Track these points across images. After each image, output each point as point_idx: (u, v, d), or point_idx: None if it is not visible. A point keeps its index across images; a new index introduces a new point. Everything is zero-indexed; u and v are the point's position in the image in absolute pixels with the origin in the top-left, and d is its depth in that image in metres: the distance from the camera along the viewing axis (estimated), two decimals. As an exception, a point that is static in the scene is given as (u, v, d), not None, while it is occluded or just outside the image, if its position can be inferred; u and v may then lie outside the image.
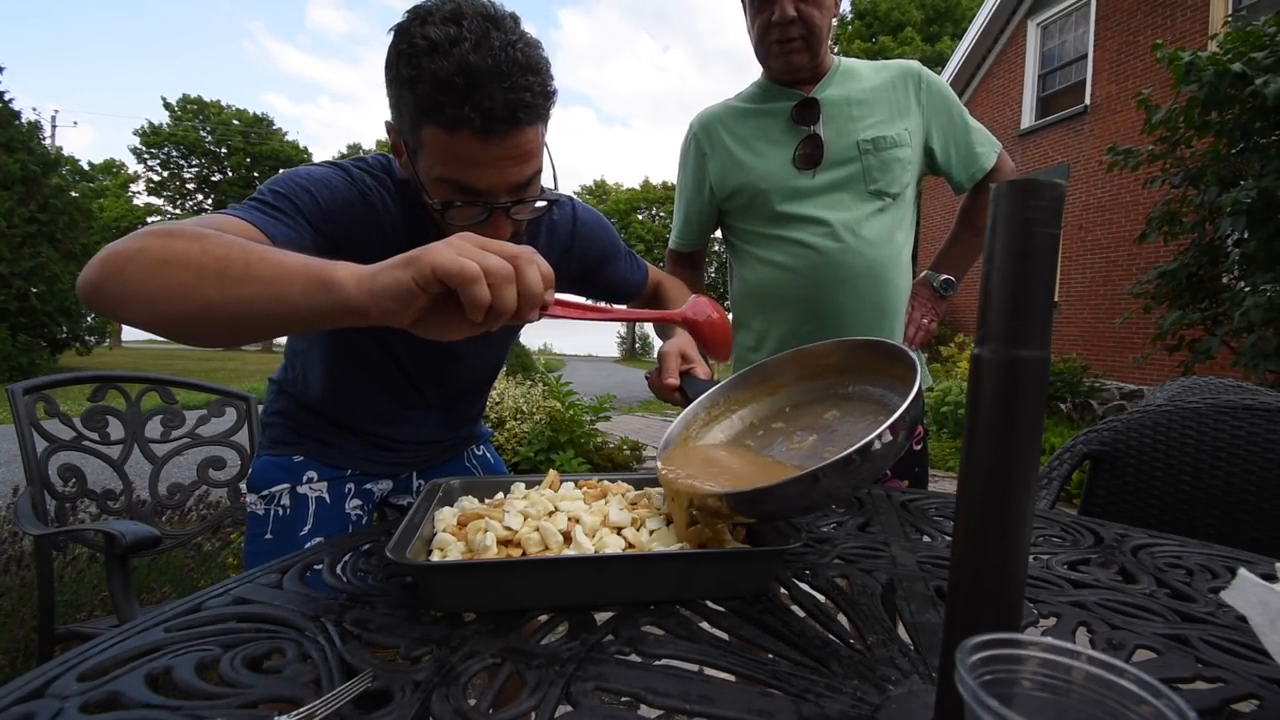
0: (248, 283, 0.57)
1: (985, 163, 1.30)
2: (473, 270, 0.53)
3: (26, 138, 11.44)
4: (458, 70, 0.68)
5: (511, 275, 0.55)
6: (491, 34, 0.69)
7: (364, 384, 1.01)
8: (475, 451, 1.23)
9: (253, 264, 0.58)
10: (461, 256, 0.53)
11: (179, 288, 0.58)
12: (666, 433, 0.77)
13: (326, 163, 0.86)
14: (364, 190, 0.84)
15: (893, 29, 21.51)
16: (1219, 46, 3.84)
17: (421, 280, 0.53)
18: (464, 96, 0.68)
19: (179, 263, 0.58)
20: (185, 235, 0.60)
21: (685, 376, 0.91)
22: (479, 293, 0.53)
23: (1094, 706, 0.27)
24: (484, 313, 0.54)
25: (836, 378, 0.76)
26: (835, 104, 1.25)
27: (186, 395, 1.68)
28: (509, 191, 0.77)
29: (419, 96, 0.70)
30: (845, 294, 1.22)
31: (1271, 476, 1.16)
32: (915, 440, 1.33)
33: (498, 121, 0.70)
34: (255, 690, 0.42)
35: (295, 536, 0.98)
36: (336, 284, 0.56)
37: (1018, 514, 0.35)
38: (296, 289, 0.57)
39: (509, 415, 4.60)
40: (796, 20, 1.19)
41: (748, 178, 1.28)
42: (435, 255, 0.53)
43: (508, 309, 0.55)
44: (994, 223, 0.35)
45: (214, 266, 0.58)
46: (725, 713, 0.41)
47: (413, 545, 0.58)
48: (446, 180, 0.75)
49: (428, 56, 0.68)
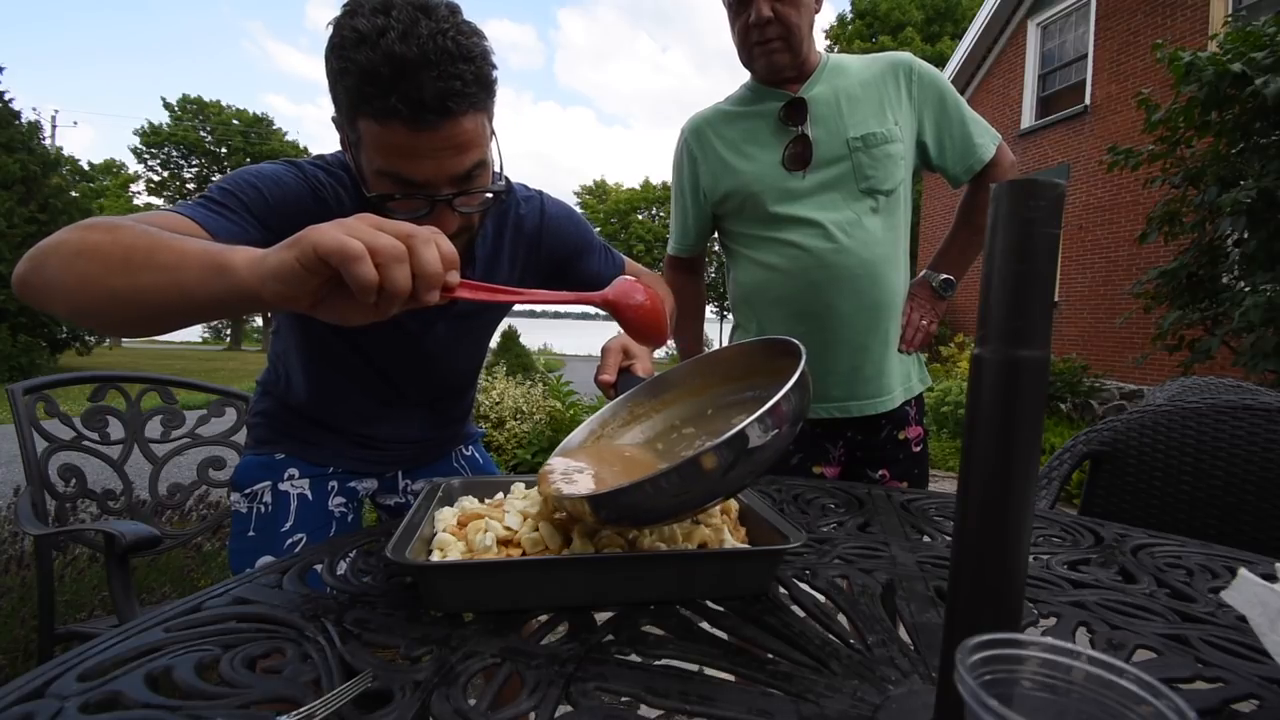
0: (150, 270, 0.57)
1: (983, 154, 1.26)
2: (354, 248, 0.50)
3: (26, 138, 11.43)
4: (384, 60, 0.67)
5: (403, 254, 0.52)
6: (421, 23, 0.68)
7: (342, 384, 1.01)
8: (464, 452, 1.22)
9: (155, 251, 0.58)
10: (346, 235, 0.51)
11: (89, 277, 0.59)
12: (574, 431, 0.77)
13: (283, 160, 0.86)
14: (316, 186, 0.84)
15: (893, 29, 21.51)
16: (1219, 46, 3.84)
17: (305, 260, 0.51)
18: (391, 87, 0.68)
19: (89, 253, 0.59)
20: (102, 227, 0.61)
21: (623, 373, 0.88)
22: (363, 272, 0.50)
23: (1094, 706, 0.27)
24: (373, 294, 0.51)
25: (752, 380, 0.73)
26: (823, 102, 1.23)
27: (186, 395, 1.68)
28: (450, 183, 0.76)
29: (348, 89, 0.70)
30: (839, 294, 1.21)
31: (1271, 476, 1.16)
32: (915, 442, 1.33)
33: (428, 111, 0.69)
34: (255, 690, 0.42)
35: (277, 533, 0.98)
36: (230, 268, 0.55)
37: (1018, 514, 0.35)
38: (193, 275, 0.56)
39: (509, 415, 4.60)
40: (774, 20, 1.18)
41: (738, 181, 1.27)
42: (318, 234, 0.51)
43: (401, 290, 0.52)
44: (994, 223, 0.35)
45: (120, 255, 0.58)
46: (725, 713, 0.41)
47: (413, 545, 0.58)
48: (385, 173, 0.75)
49: (355, 48, 0.68)
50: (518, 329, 8.99)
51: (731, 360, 0.75)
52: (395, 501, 1.15)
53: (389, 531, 0.72)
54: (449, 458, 1.20)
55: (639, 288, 0.79)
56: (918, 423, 1.34)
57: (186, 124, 28.12)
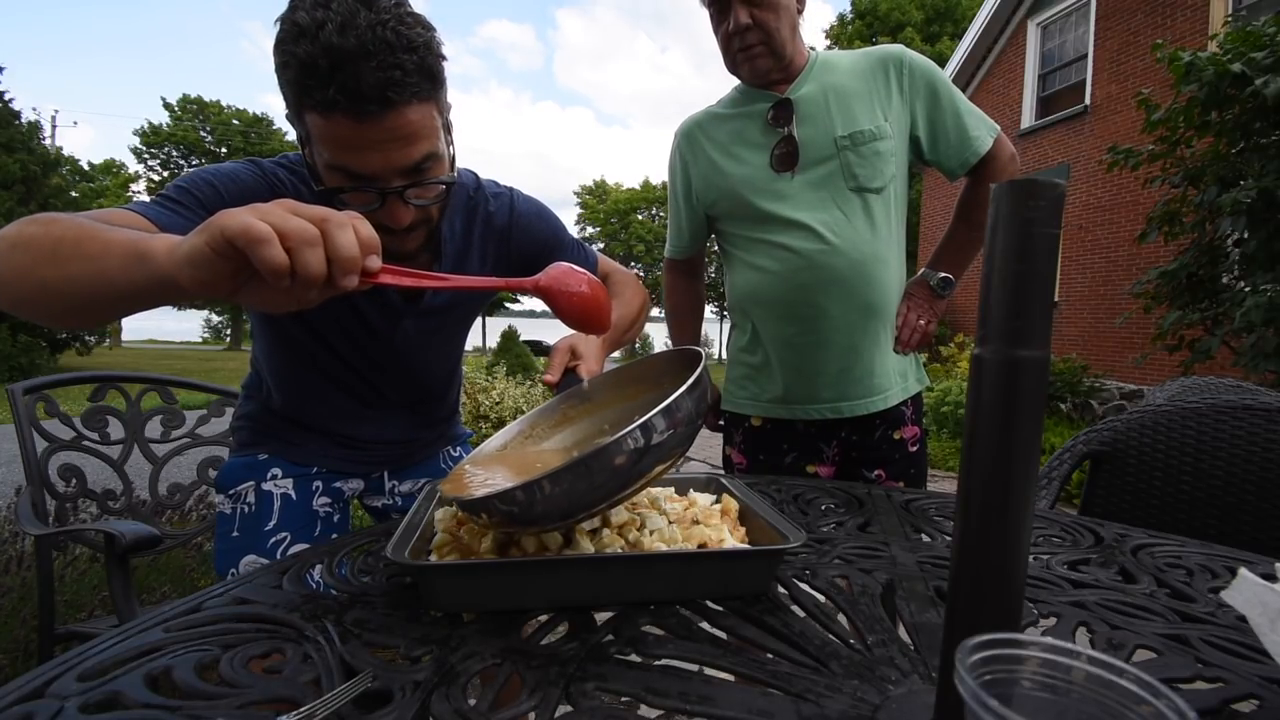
0: (76, 260, 0.58)
1: (979, 147, 1.22)
2: (260, 230, 0.48)
3: (26, 138, 11.44)
4: (322, 53, 0.67)
5: (315, 238, 0.50)
6: (360, 14, 0.68)
7: (319, 384, 1.01)
8: (451, 453, 1.22)
9: (82, 242, 0.58)
10: (254, 218, 0.49)
11: (22, 269, 0.59)
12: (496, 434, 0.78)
13: (246, 159, 0.87)
14: (274, 182, 0.84)
15: (892, 29, 21.51)
16: (1219, 46, 3.83)
17: (214, 244, 0.50)
18: (329, 78, 0.67)
19: (24, 246, 0.60)
20: (40, 221, 0.62)
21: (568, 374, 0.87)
22: (270, 254, 0.48)
23: (1094, 706, 0.27)
24: (285, 278, 0.50)
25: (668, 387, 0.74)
26: (810, 102, 1.22)
27: (186, 395, 1.68)
28: (400, 175, 0.76)
29: (290, 83, 0.70)
30: (827, 296, 1.20)
31: (1271, 476, 1.16)
32: (911, 442, 1.33)
33: (367, 102, 0.69)
34: (255, 690, 0.42)
35: (260, 532, 0.98)
36: (149, 255, 0.55)
37: (1018, 514, 0.35)
38: (115, 263, 0.56)
39: (509, 415, 4.60)
40: (753, 27, 1.17)
41: (728, 184, 1.27)
42: (226, 217, 0.50)
43: (313, 274, 0.50)
44: (994, 223, 0.35)
45: (49, 246, 0.59)
46: (725, 713, 0.41)
47: (412, 545, 0.58)
48: (334, 166, 0.75)
49: (294, 42, 0.68)
50: (518, 329, 8.99)
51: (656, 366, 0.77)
52: (382, 503, 1.15)
53: (389, 531, 0.72)
54: (436, 459, 1.19)
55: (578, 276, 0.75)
56: (915, 423, 1.33)
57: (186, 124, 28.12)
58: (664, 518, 0.66)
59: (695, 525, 0.66)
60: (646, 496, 0.74)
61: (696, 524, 0.66)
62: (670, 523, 0.65)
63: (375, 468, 1.12)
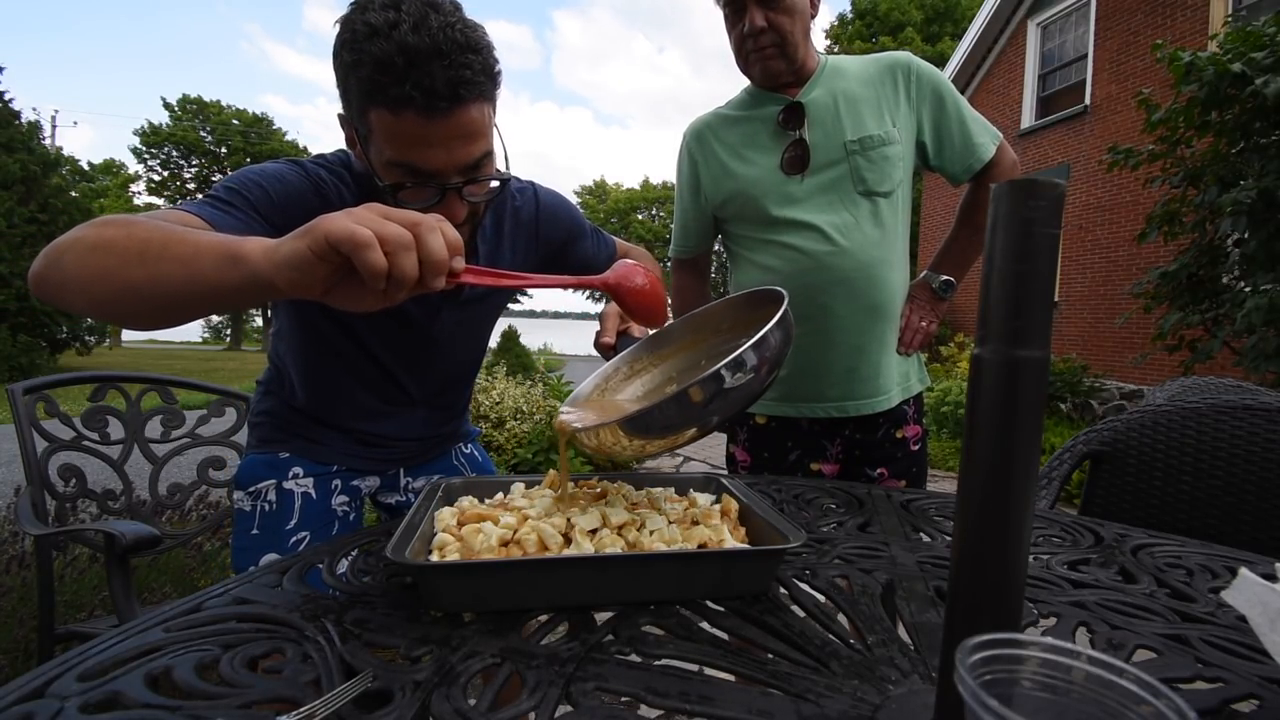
0: (166, 261, 0.59)
1: (983, 154, 1.26)
2: (365, 236, 0.52)
3: (26, 138, 11.43)
4: (398, 51, 0.69)
5: (410, 242, 0.54)
6: (430, 16, 0.71)
7: (344, 381, 1.02)
8: (463, 450, 1.23)
9: (170, 244, 0.60)
10: (356, 223, 0.53)
11: (106, 271, 0.60)
12: (578, 387, 0.83)
13: (285, 159, 0.89)
14: (318, 183, 0.86)
15: (893, 29, 21.51)
16: (1219, 46, 3.83)
17: (316, 248, 0.53)
18: (404, 75, 0.70)
19: (106, 248, 0.61)
20: (117, 223, 0.63)
21: (622, 335, 0.93)
22: (373, 259, 0.52)
23: (1094, 706, 0.27)
24: (383, 280, 0.54)
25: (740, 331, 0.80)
26: (820, 106, 1.23)
27: (186, 395, 1.68)
28: (459, 172, 0.79)
29: (361, 80, 0.72)
30: (835, 296, 1.21)
31: (1271, 476, 1.16)
32: (913, 441, 1.33)
33: (440, 99, 0.72)
34: (255, 690, 0.42)
35: (281, 531, 0.99)
36: (244, 257, 0.57)
37: (1018, 514, 0.35)
38: (209, 265, 0.58)
39: (509, 415, 4.60)
40: (768, 29, 1.18)
41: (738, 185, 1.28)
42: (329, 223, 0.53)
43: (408, 276, 0.55)
44: (994, 223, 0.35)
45: (136, 248, 0.60)
46: (725, 713, 0.41)
47: (413, 545, 0.58)
48: (396, 163, 0.77)
49: (368, 40, 0.70)
50: (518, 329, 8.99)
51: (720, 314, 0.83)
52: (396, 500, 1.16)
53: (389, 531, 0.72)
54: (449, 455, 1.21)
55: (639, 270, 0.83)
56: (916, 422, 1.34)
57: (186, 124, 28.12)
58: (664, 518, 0.66)
59: (695, 525, 0.66)
60: (647, 496, 0.74)
61: (696, 524, 0.66)
62: (670, 523, 0.65)
63: (392, 465, 1.13)
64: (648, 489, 0.78)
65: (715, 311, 0.84)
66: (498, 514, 0.65)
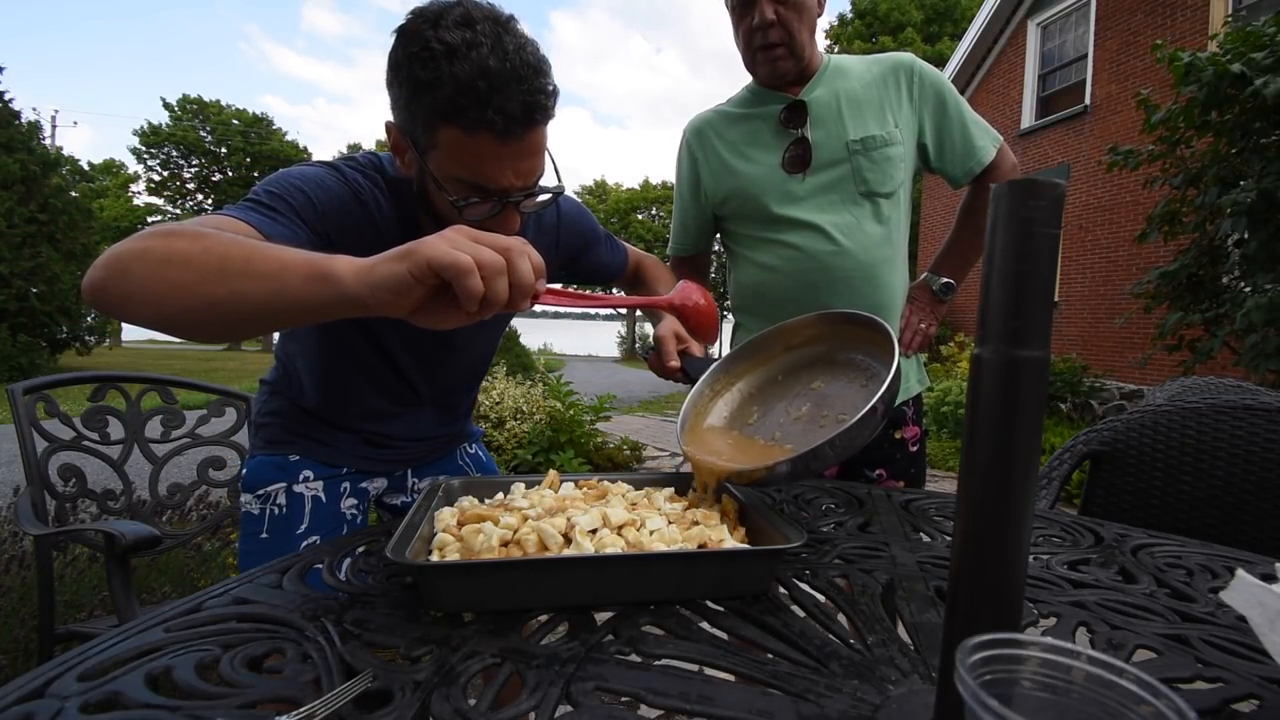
0: (249, 278, 0.59)
1: (983, 157, 1.26)
2: (466, 263, 0.55)
3: (26, 138, 11.42)
4: (480, 74, 0.70)
5: (503, 267, 0.57)
6: (504, 38, 0.71)
7: (356, 382, 1.02)
8: (468, 450, 1.23)
9: (253, 260, 0.60)
10: (455, 250, 0.55)
11: (182, 286, 0.60)
12: (681, 413, 0.86)
13: (319, 162, 0.88)
14: (357, 189, 0.86)
15: (893, 29, 21.50)
16: (1219, 47, 3.83)
17: (418, 273, 0.55)
18: (487, 100, 0.70)
19: (181, 261, 0.60)
20: (186, 235, 0.62)
21: (684, 356, 0.97)
22: (473, 284, 0.55)
23: (1094, 706, 0.27)
24: (478, 303, 0.56)
25: (817, 347, 0.87)
26: (823, 105, 1.23)
27: (186, 395, 1.68)
28: (522, 188, 0.80)
29: (439, 99, 0.71)
30: (836, 297, 1.21)
31: (1271, 476, 1.16)
32: (912, 442, 1.33)
33: (516, 124, 0.73)
34: (255, 690, 0.42)
35: (292, 535, 0.99)
36: (335, 276, 0.58)
37: (1018, 514, 0.35)
38: (297, 282, 0.59)
39: (509, 415, 4.59)
40: (776, 24, 1.17)
41: (739, 184, 1.27)
42: (431, 249, 0.55)
43: (500, 299, 0.57)
44: (994, 223, 0.35)
45: (215, 264, 0.60)
46: (725, 713, 0.41)
47: (413, 545, 0.58)
48: (463, 180, 0.77)
49: (447, 60, 0.70)
50: (518, 329, 8.99)
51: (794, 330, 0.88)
52: (402, 500, 1.16)
53: (389, 531, 0.72)
54: (454, 455, 1.21)
55: (695, 289, 0.89)
56: (915, 423, 1.34)
57: (186, 124, 28.11)
58: (664, 518, 0.66)
59: (695, 525, 0.66)
60: (647, 496, 0.74)
61: (696, 524, 0.66)
62: (670, 523, 0.65)
63: (400, 466, 1.13)
64: (648, 489, 0.78)
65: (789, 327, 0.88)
66: (498, 514, 0.65)
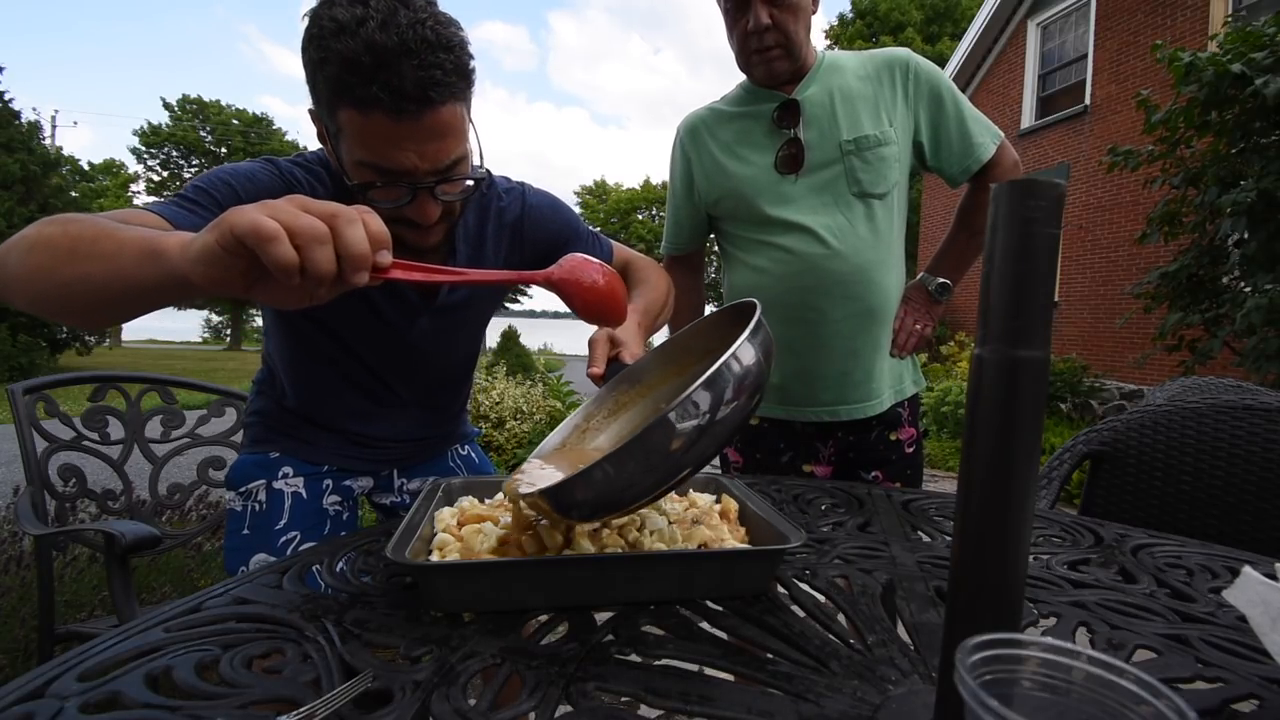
0: (93, 259, 0.58)
1: (981, 154, 1.22)
2: (268, 228, 0.48)
3: (26, 138, 11.43)
4: (365, 49, 0.67)
5: (324, 235, 0.50)
6: (399, 13, 0.69)
7: (333, 382, 1.02)
8: (460, 451, 1.22)
9: (99, 240, 0.59)
10: (264, 215, 0.49)
11: (41, 269, 0.60)
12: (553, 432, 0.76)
13: (262, 158, 0.87)
14: (291, 182, 0.84)
15: (893, 29, 21.50)
16: (1219, 47, 3.83)
17: (224, 242, 0.49)
18: (372, 75, 0.68)
19: (44, 246, 0.61)
20: (58, 221, 0.63)
21: (612, 363, 0.84)
22: (279, 252, 0.48)
23: (1094, 706, 0.27)
24: (295, 275, 0.50)
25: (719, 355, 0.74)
26: (817, 104, 1.21)
27: (186, 395, 1.68)
28: (432, 172, 0.77)
29: (329, 78, 0.70)
30: (829, 299, 1.20)
31: (1271, 476, 1.16)
32: (908, 443, 1.32)
33: (409, 100, 0.69)
34: (255, 690, 0.42)
35: (271, 531, 0.98)
36: (163, 253, 0.55)
37: (1018, 514, 0.35)
38: (130, 261, 0.57)
39: (509, 415, 4.60)
40: (772, 28, 1.16)
41: (731, 184, 1.26)
42: (236, 215, 0.49)
43: (323, 270, 0.50)
44: (994, 223, 0.34)
45: (67, 246, 0.60)
46: (725, 713, 0.41)
47: (413, 545, 0.58)
48: (366, 163, 0.75)
49: (334, 37, 0.68)
50: (518, 329, 8.99)
51: (705, 332, 0.75)
52: (391, 500, 1.15)
53: (389, 531, 0.72)
54: (445, 456, 1.20)
55: (593, 266, 0.73)
56: (911, 424, 1.33)
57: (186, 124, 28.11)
58: (664, 518, 0.66)
59: (695, 525, 0.66)
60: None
61: (696, 524, 0.66)
62: (670, 523, 0.66)
63: (385, 466, 1.12)
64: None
65: (701, 330, 0.76)
66: (498, 514, 0.66)
